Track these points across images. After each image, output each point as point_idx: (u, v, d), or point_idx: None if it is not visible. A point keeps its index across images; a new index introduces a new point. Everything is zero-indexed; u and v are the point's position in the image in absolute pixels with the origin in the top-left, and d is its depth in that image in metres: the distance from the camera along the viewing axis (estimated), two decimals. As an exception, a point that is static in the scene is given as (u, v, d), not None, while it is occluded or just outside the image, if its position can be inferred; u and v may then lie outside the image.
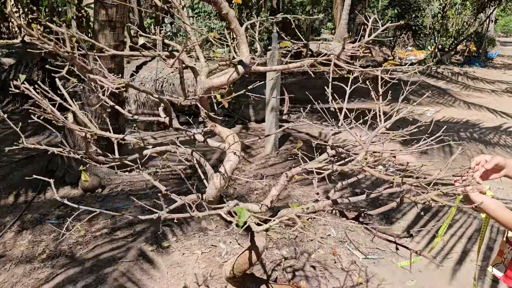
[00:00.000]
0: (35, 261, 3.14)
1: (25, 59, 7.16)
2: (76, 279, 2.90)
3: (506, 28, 33.06)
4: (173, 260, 3.11)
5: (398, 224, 3.76)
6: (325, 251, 3.27)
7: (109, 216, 3.80)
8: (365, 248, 3.33)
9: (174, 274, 2.95)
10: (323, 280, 2.92)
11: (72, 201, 4.11)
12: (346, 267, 3.08)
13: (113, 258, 3.15)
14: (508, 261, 1.51)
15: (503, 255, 1.54)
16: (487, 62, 16.10)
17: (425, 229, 3.67)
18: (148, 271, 2.99)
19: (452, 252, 3.34)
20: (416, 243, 3.46)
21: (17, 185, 4.43)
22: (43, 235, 3.49)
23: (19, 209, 3.94)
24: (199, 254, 3.19)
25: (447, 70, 13.62)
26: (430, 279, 2.98)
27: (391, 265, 3.13)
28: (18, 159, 5.16)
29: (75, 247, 3.32)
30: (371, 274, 3.01)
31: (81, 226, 3.61)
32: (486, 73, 13.74)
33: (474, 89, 11.02)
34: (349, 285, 2.88)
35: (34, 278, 2.94)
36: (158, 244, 3.31)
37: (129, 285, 2.83)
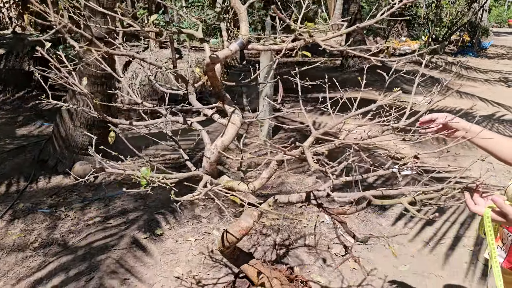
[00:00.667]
0: (27, 250, 3.12)
1: (16, 49, 7.07)
2: (69, 267, 2.89)
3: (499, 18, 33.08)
4: (166, 247, 3.11)
5: (392, 211, 3.77)
6: (318, 237, 3.28)
7: (102, 204, 3.78)
8: (359, 234, 3.33)
9: (167, 261, 2.94)
10: (316, 265, 2.93)
11: (64, 191, 4.09)
12: (339, 252, 3.08)
13: (106, 246, 3.13)
14: (507, 247, 1.48)
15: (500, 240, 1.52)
16: (481, 52, 16.10)
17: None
18: (141, 258, 2.98)
19: (445, 238, 3.36)
20: (409, 229, 3.47)
21: (9, 175, 4.39)
22: (35, 224, 3.46)
23: (11, 198, 3.91)
24: (192, 241, 3.18)
25: (441, 59, 13.62)
26: (423, 264, 3.00)
27: (384, 250, 3.14)
28: (10, 149, 5.11)
29: (68, 236, 3.30)
30: (365, 260, 3.02)
31: (74, 215, 3.58)
32: (479, 63, 13.75)
33: (468, 79, 11.03)
34: (342, 270, 2.88)
35: (26, 266, 2.92)
36: (151, 232, 3.30)
37: (122, 272, 2.82)
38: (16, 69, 6.95)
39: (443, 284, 2.78)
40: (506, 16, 33.36)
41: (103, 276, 2.78)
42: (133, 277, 2.78)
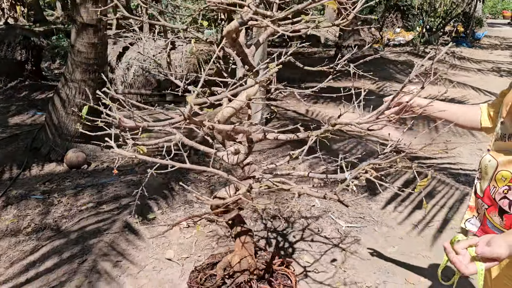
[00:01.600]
0: (20, 235, 3.14)
1: (8, 38, 7.04)
2: (62, 250, 2.92)
3: (494, 9, 33.11)
4: (158, 231, 3.14)
5: (382, 195, 3.82)
6: (309, 220, 3.32)
7: (95, 190, 3.80)
8: (349, 217, 3.38)
9: (159, 244, 2.98)
10: (307, 247, 2.97)
11: (57, 178, 4.11)
12: (329, 235, 3.13)
13: (98, 230, 3.16)
14: (482, 216, 1.51)
15: (475, 210, 1.55)
16: (474, 42, 16.15)
17: (408, 200, 3.75)
18: (133, 242, 3.01)
19: (433, 221, 3.41)
20: (399, 213, 3.52)
21: (2, 163, 4.39)
22: (28, 210, 3.48)
23: (4, 185, 3.92)
24: (184, 225, 3.22)
25: (435, 50, 13.66)
26: (411, 246, 3.05)
27: (373, 233, 3.19)
28: (2, 138, 5.11)
29: (61, 221, 3.32)
30: (354, 241, 3.06)
31: (66, 201, 3.61)
32: (473, 53, 13.80)
33: (461, 69, 11.09)
34: (332, 252, 2.93)
35: (19, 250, 2.95)
36: (144, 217, 3.33)
37: (114, 255, 2.86)
38: (8, 58, 6.91)
39: (429, 264, 2.83)
40: (501, 7, 33.39)
41: (96, 259, 2.81)
42: (125, 259, 2.82)
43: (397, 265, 2.82)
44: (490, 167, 1.43)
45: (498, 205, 1.41)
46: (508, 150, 1.39)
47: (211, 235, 3.10)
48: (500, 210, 1.41)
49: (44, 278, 2.65)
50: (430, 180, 3.85)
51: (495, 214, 1.43)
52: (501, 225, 1.41)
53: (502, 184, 1.39)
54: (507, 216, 1.39)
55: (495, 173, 1.41)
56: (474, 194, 1.54)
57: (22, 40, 6.97)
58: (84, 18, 4.06)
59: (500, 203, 1.40)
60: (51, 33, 10.70)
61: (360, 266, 2.80)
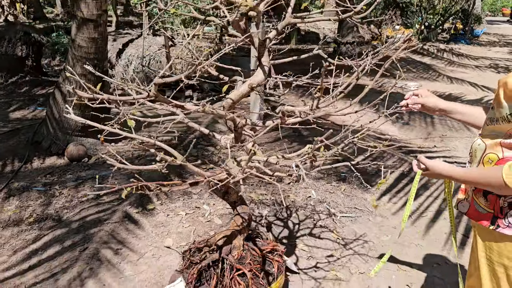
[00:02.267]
0: (23, 224, 3.21)
1: (8, 34, 7.09)
2: (63, 239, 2.99)
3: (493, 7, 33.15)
4: (158, 221, 3.22)
5: (378, 188, 3.89)
6: (305, 210, 3.39)
7: (95, 183, 3.87)
8: (344, 208, 3.46)
9: (159, 233, 3.05)
10: (302, 236, 3.05)
11: (58, 170, 4.18)
12: (324, 224, 3.20)
13: (99, 219, 3.23)
14: (470, 198, 1.59)
15: (466, 192, 1.63)
16: (473, 39, 16.23)
17: (403, 192, 3.82)
18: (133, 231, 3.09)
19: (427, 211, 3.49)
20: (393, 204, 3.60)
21: (3, 156, 4.46)
22: (30, 201, 3.55)
23: (6, 178, 3.99)
24: (183, 215, 3.29)
25: (433, 47, 13.73)
26: (404, 235, 3.12)
27: (367, 222, 3.26)
28: (4, 132, 5.18)
29: (62, 211, 3.39)
30: (349, 231, 3.14)
31: (68, 192, 3.68)
32: (471, 50, 13.88)
33: (459, 65, 11.15)
34: (327, 240, 3.01)
35: (22, 239, 3.02)
36: (143, 207, 3.40)
37: (114, 243, 2.93)
38: (9, 54, 6.98)
39: (422, 252, 2.91)
40: (500, 4, 33.43)
41: (97, 247, 2.89)
42: (125, 247, 2.89)
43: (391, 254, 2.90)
44: (479, 150, 1.51)
45: None
46: (495, 133, 1.46)
47: (209, 225, 3.17)
48: (484, 191, 1.50)
49: (47, 265, 2.72)
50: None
51: (480, 195, 1.52)
52: (486, 206, 1.50)
53: (488, 166, 1.46)
54: (490, 197, 1.48)
55: (483, 156, 1.49)
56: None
57: (23, 36, 7.03)
58: (85, 13, 4.13)
59: None
60: (50, 30, 10.74)
61: (354, 254, 2.87)
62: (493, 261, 1.53)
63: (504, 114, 1.41)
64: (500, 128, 1.44)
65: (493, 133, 1.48)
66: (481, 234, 1.59)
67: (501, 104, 1.43)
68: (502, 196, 1.44)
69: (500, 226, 1.45)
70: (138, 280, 2.56)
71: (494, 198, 1.47)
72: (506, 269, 1.49)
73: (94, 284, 2.53)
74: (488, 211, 1.50)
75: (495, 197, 1.47)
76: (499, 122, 1.45)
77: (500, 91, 1.45)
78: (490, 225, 1.48)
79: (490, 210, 1.49)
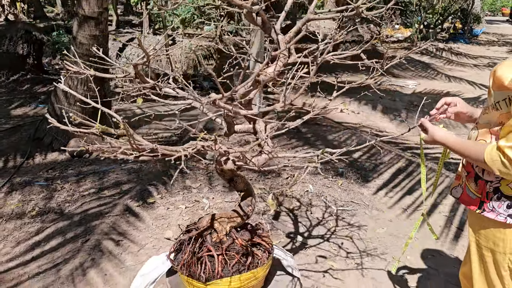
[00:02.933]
0: (25, 217, 3.27)
1: (10, 32, 7.16)
2: (65, 231, 3.05)
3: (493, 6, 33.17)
4: (158, 214, 3.28)
5: (374, 182, 3.95)
6: (303, 203, 3.46)
7: (96, 177, 3.94)
8: (341, 202, 3.52)
9: (159, 225, 3.11)
10: (301, 228, 3.11)
11: (60, 166, 4.24)
12: (321, 217, 3.27)
13: (100, 213, 3.30)
14: (463, 184, 1.65)
15: (461, 179, 1.69)
16: (472, 38, 16.26)
17: (399, 187, 3.89)
18: (134, 223, 3.15)
19: (423, 205, 3.54)
20: (389, 198, 3.66)
21: (6, 152, 4.52)
22: (32, 195, 3.62)
23: (8, 173, 4.05)
24: (183, 208, 3.35)
25: (432, 46, 13.77)
26: (399, 228, 3.19)
27: (364, 215, 3.33)
28: (5, 129, 5.24)
29: (64, 205, 3.45)
30: (345, 223, 3.20)
31: (69, 187, 3.74)
32: (470, 49, 13.94)
33: (457, 64, 11.21)
34: (324, 232, 3.07)
35: (25, 232, 3.08)
36: (144, 200, 3.46)
37: (116, 235, 2.99)
38: (11, 52, 7.04)
39: (416, 244, 2.97)
40: (500, 4, 33.46)
41: (98, 238, 2.95)
42: (126, 239, 2.95)
43: (386, 244, 2.96)
44: (473, 137, 1.59)
45: (475, 171, 1.58)
46: (488, 122, 1.53)
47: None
48: (475, 176, 1.58)
49: (49, 256, 2.78)
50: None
51: (472, 180, 1.59)
52: (475, 191, 1.58)
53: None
54: (480, 182, 1.55)
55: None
56: (461, 164, 1.69)
57: (24, 34, 7.09)
58: (86, 11, 4.19)
59: (476, 169, 1.57)
60: (51, 30, 10.80)
61: (350, 245, 2.93)
62: (481, 246, 1.60)
63: (493, 102, 1.48)
64: (491, 116, 1.50)
65: (486, 121, 1.53)
66: (471, 219, 1.66)
67: (491, 92, 1.49)
68: (489, 181, 1.51)
69: (485, 210, 1.53)
70: (139, 269, 2.61)
71: (483, 183, 1.54)
72: (492, 253, 1.55)
73: (95, 273, 2.59)
74: (477, 196, 1.56)
75: (483, 182, 1.53)
76: (489, 110, 1.51)
77: (490, 80, 1.51)
78: (477, 209, 1.56)
79: (479, 195, 1.56)
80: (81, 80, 4.44)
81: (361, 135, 5.17)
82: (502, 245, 1.51)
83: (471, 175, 1.59)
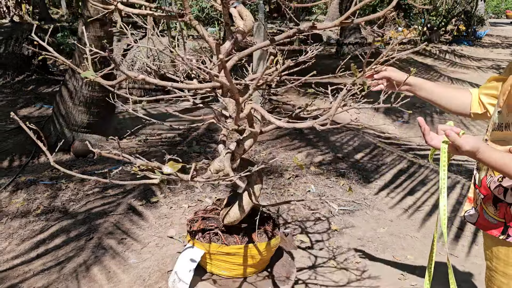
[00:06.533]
0: (30, 216, 3.32)
1: (15, 33, 7.23)
2: (69, 229, 3.09)
3: (497, 9, 33.14)
4: (161, 213, 3.31)
5: (376, 183, 3.98)
6: (305, 203, 3.49)
7: (101, 176, 3.97)
8: (342, 202, 3.55)
9: (162, 224, 3.15)
10: (302, 226, 3.14)
11: (64, 165, 4.28)
12: (322, 216, 3.29)
13: (104, 211, 3.33)
14: (479, 207, 1.50)
15: (474, 201, 1.55)
16: (476, 41, 16.26)
17: (400, 187, 3.91)
18: (137, 222, 3.18)
19: (424, 206, 3.57)
20: (391, 199, 3.68)
21: (11, 151, 4.58)
22: (37, 194, 3.66)
23: (14, 172, 4.10)
24: (185, 207, 3.39)
25: (435, 48, 13.78)
26: (400, 227, 3.21)
27: (365, 215, 3.35)
28: (11, 129, 5.30)
29: (68, 204, 3.50)
30: (346, 223, 3.23)
31: (74, 186, 3.78)
32: (473, 51, 13.92)
33: (461, 66, 11.21)
34: (324, 231, 3.10)
35: (30, 230, 3.12)
36: (147, 200, 3.50)
37: (119, 233, 3.03)
38: (16, 53, 7.11)
39: (417, 244, 2.99)
40: (504, 6, 33.41)
41: (102, 237, 2.99)
42: (129, 237, 2.99)
43: (386, 243, 2.99)
44: None
45: (493, 194, 1.42)
46: (504, 140, 1.38)
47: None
48: (494, 199, 1.42)
49: (53, 253, 2.82)
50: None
51: (490, 203, 1.45)
52: (495, 215, 1.43)
53: (498, 173, 1.39)
54: (500, 204, 1.41)
55: None
56: (474, 185, 1.54)
57: (29, 35, 7.15)
58: (91, 12, 4.24)
59: (495, 191, 1.41)
60: (56, 31, 10.89)
61: (351, 244, 2.96)
62: (498, 271, 1.47)
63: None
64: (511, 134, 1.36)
65: (502, 139, 1.39)
66: (488, 242, 1.52)
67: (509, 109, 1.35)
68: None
69: (511, 235, 1.39)
70: (142, 267, 2.65)
71: (504, 206, 1.40)
72: (510, 279, 1.43)
73: (99, 271, 2.63)
74: (498, 220, 1.42)
75: (505, 205, 1.39)
76: (509, 128, 1.36)
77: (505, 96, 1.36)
78: (501, 235, 1.42)
79: (501, 219, 1.41)
80: (85, 81, 4.49)
81: (363, 137, 5.20)
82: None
83: (489, 198, 1.44)
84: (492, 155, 1.26)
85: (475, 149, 1.26)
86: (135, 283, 2.52)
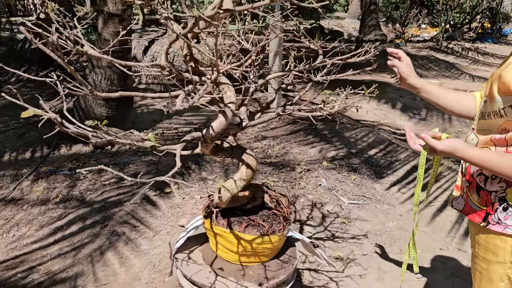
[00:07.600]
0: (49, 204, 3.45)
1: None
2: (86, 217, 3.21)
3: (525, 6, 32.29)
4: (174, 203, 3.40)
5: (388, 178, 3.98)
6: (314, 196, 3.52)
7: (117, 168, 4.10)
8: (352, 196, 3.57)
9: (174, 213, 3.24)
10: (311, 219, 3.18)
11: (83, 157, 4.43)
12: (332, 210, 3.33)
13: (119, 201, 3.45)
14: (465, 195, 1.54)
15: (461, 189, 1.58)
16: (501, 38, 15.90)
17: (413, 183, 3.90)
18: (151, 211, 3.28)
19: (435, 202, 3.56)
20: (402, 194, 3.69)
21: (33, 143, 4.75)
22: (56, 183, 3.80)
23: (35, 162, 4.26)
24: (198, 198, 3.47)
25: (458, 45, 13.56)
26: (409, 222, 3.22)
27: (374, 209, 3.37)
28: (34, 121, 5.49)
29: (86, 193, 3.62)
30: (355, 216, 3.25)
31: (91, 176, 3.91)
32: (497, 49, 13.64)
33: (483, 64, 11.02)
34: (333, 224, 3.13)
35: (49, 216, 3.25)
36: (161, 190, 3.60)
37: (133, 221, 3.13)
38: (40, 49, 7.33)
39: (426, 238, 3.00)
40: (532, 3, 32.50)
41: (116, 224, 3.10)
42: (142, 225, 3.09)
43: (394, 237, 3.00)
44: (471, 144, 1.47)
45: (476, 182, 1.47)
46: (488, 129, 1.42)
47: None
48: (477, 187, 1.47)
49: (70, 239, 2.94)
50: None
51: (474, 191, 1.49)
52: (478, 202, 1.47)
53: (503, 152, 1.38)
54: (482, 192, 1.45)
55: None
56: (460, 173, 1.59)
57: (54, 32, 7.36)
58: (111, 9, 4.36)
59: (477, 179, 1.46)
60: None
61: (359, 237, 2.99)
62: (479, 256, 1.51)
63: (497, 108, 1.38)
64: (493, 123, 1.41)
65: (486, 128, 1.44)
66: (472, 229, 1.57)
67: (494, 98, 1.39)
68: (493, 191, 1.42)
69: (490, 223, 1.43)
70: (153, 253, 2.75)
71: (485, 193, 1.45)
72: (488, 264, 1.47)
73: (112, 255, 2.73)
74: (480, 207, 1.47)
75: (486, 193, 1.44)
76: (491, 117, 1.41)
77: (494, 84, 1.40)
78: (481, 222, 1.46)
79: (483, 207, 1.46)
80: (104, 74, 4.62)
81: (378, 133, 5.19)
82: (501, 254, 1.42)
83: (473, 186, 1.49)
84: (470, 153, 1.34)
85: (451, 149, 1.35)
86: (146, 268, 2.61)
